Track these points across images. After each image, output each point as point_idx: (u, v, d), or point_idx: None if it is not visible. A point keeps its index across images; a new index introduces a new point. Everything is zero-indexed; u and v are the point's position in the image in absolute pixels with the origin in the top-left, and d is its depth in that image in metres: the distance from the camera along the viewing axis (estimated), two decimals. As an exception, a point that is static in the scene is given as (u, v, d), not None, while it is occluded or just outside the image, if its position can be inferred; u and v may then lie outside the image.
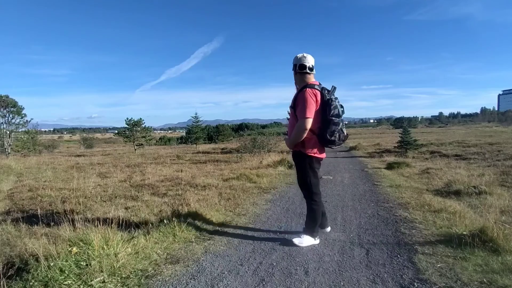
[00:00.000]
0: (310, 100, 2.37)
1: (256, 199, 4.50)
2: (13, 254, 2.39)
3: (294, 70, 2.58)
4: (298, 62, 2.53)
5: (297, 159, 2.60)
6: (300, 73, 2.54)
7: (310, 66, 2.53)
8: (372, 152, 15.51)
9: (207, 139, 36.09)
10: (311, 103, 2.37)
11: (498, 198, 4.39)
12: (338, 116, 2.45)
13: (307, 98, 2.37)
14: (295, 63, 2.56)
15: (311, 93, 2.39)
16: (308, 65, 2.52)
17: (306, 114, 2.36)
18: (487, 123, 68.17)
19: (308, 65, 2.52)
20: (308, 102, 2.37)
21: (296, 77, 2.59)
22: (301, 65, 2.52)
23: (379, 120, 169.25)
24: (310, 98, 2.38)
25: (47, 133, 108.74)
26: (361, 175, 7.26)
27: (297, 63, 2.54)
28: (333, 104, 2.42)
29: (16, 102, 17.84)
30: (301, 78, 2.55)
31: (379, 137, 33.30)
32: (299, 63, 2.53)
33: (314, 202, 2.61)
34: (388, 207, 3.89)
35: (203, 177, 6.82)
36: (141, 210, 3.98)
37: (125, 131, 24.74)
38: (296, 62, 2.55)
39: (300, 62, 2.53)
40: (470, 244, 2.36)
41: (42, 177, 7.92)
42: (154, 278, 2.06)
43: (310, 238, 2.63)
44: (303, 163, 2.56)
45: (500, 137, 21.54)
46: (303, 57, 2.54)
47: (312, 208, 2.62)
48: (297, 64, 2.53)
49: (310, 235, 2.64)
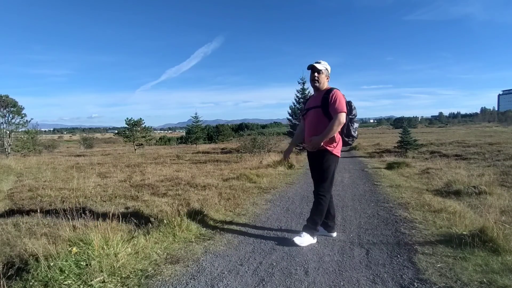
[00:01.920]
0: (343, 99, 2.63)
1: (256, 199, 4.50)
2: (13, 254, 2.39)
3: (324, 74, 2.75)
4: (329, 68, 2.79)
5: (323, 157, 2.67)
6: (328, 77, 2.79)
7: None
8: (372, 152, 15.52)
9: (207, 139, 36.08)
10: (344, 101, 2.63)
11: (498, 198, 4.39)
12: (355, 116, 2.77)
13: (342, 96, 2.63)
14: (326, 68, 2.76)
15: (342, 94, 2.67)
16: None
17: (344, 109, 2.57)
18: (487, 123, 68.17)
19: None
20: (343, 101, 2.61)
21: (324, 80, 2.77)
22: (330, 71, 2.81)
23: (379, 120, 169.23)
24: (343, 98, 2.65)
25: (47, 133, 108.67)
26: (361, 175, 7.26)
27: (329, 69, 2.79)
28: (353, 105, 2.73)
29: (16, 102, 17.84)
30: (326, 82, 2.79)
31: (379, 137, 33.30)
32: (329, 69, 2.79)
33: (325, 198, 2.68)
34: (388, 207, 3.89)
35: (203, 177, 6.82)
36: (141, 210, 3.98)
37: (125, 131, 24.72)
38: (327, 68, 2.77)
39: (329, 68, 2.80)
40: (470, 244, 2.36)
41: (42, 177, 7.92)
42: (154, 278, 2.05)
43: (310, 238, 2.67)
44: (330, 161, 2.65)
45: (500, 137, 21.55)
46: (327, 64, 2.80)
47: (321, 203, 2.66)
48: (329, 70, 2.79)
49: (311, 234, 2.68)
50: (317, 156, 2.71)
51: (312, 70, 2.72)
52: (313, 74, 2.73)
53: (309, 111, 2.78)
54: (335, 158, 2.67)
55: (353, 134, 2.74)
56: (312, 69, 2.72)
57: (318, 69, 2.70)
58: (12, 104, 17.56)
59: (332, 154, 2.64)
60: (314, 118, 2.70)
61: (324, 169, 2.66)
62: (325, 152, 2.64)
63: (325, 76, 2.74)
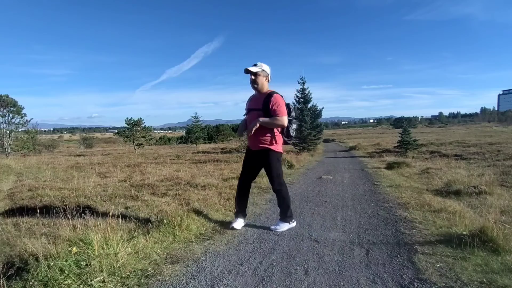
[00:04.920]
0: (283, 102, 2.87)
1: (256, 199, 4.50)
2: (13, 253, 2.39)
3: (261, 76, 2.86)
4: (267, 69, 2.90)
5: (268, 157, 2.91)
6: (267, 77, 2.92)
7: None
8: (372, 152, 15.53)
9: (207, 139, 36.07)
10: (284, 104, 2.86)
11: (498, 198, 4.39)
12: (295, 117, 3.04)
13: (282, 100, 2.85)
14: (263, 69, 2.87)
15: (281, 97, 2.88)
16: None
17: (284, 113, 2.82)
18: (487, 123, 68.21)
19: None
20: (283, 104, 2.85)
21: (264, 83, 2.90)
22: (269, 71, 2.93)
23: (379, 120, 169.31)
24: (283, 101, 2.88)
25: (47, 133, 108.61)
26: (361, 175, 7.26)
27: (267, 70, 2.89)
28: (291, 107, 2.96)
29: (16, 102, 17.84)
30: (266, 85, 2.94)
31: (379, 137, 33.32)
32: (268, 69, 2.91)
33: (285, 190, 3.02)
34: (388, 207, 3.89)
35: (203, 177, 6.81)
36: (141, 209, 3.98)
37: (125, 131, 24.71)
38: (264, 69, 2.87)
39: (268, 69, 2.91)
40: (470, 244, 2.36)
41: (42, 177, 7.92)
42: (154, 277, 2.05)
43: (287, 224, 3.03)
44: (274, 158, 2.93)
45: (500, 137, 21.56)
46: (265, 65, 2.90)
47: (283, 196, 3.00)
48: (267, 71, 2.90)
49: (287, 221, 3.04)
50: (262, 155, 2.93)
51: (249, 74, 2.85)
52: (250, 77, 2.87)
53: (251, 112, 2.93)
54: (278, 154, 2.97)
55: (292, 134, 3.02)
56: (247, 73, 2.85)
57: (253, 72, 2.84)
58: (12, 104, 17.56)
59: (275, 152, 2.93)
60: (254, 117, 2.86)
61: (272, 166, 2.93)
62: (269, 151, 2.91)
63: (263, 77, 2.87)
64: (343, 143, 28.99)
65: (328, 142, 33.85)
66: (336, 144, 30.43)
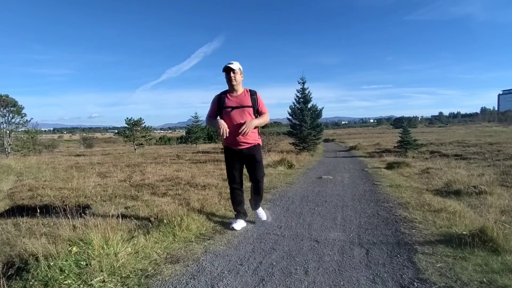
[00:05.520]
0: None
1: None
2: (13, 253, 2.39)
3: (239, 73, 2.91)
4: (241, 67, 2.94)
5: (258, 151, 3.05)
6: (242, 75, 2.97)
7: None
8: (372, 152, 15.53)
9: (207, 139, 36.05)
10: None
11: (498, 198, 4.39)
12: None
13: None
14: (239, 67, 2.91)
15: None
16: None
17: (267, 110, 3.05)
18: (487, 123, 68.21)
19: None
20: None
21: (240, 79, 2.94)
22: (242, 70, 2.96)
23: (379, 120, 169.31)
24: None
25: (47, 133, 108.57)
26: (361, 175, 7.26)
27: (241, 68, 2.94)
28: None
29: (16, 102, 17.82)
30: (241, 80, 2.98)
31: (379, 137, 33.31)
32: (241, 68, 2.94)
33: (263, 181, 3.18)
34: (388, 207, 3.89)
35: (203, 177, 6.81)
36: (141, 209, 3.98)
37: (125, 130, 24.69)
38: (240, 67, 2.91)
39: (241, 67, 2.94)
40: (470, 244, 2.36)
41: (42, 177, 7.92)
42: (154, 277, 2.05)
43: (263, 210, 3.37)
44: (260, 151, 3.11)
45: (500, 137, 21.57)
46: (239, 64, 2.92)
47: (262, 187, 3.18)
48: (241, 69, 2.94)
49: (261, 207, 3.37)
50: (252, 151, 3.01)
51: (227, 71, 2.86)
52: (228, 75, 2.88)
53: (234, 110, 2.90)
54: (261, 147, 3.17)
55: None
56: (227, 70, 2.87)
57: (233, 69, 2.85)
58: (12, 103, 17.54)
59: (260, 146, 3.11)
60: (245, 117, 2.89)
61: (260, 160, 3.07)
62: (258, 146, 3.07)
63: (239, 75, 2.93)
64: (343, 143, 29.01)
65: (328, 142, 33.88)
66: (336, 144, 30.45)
